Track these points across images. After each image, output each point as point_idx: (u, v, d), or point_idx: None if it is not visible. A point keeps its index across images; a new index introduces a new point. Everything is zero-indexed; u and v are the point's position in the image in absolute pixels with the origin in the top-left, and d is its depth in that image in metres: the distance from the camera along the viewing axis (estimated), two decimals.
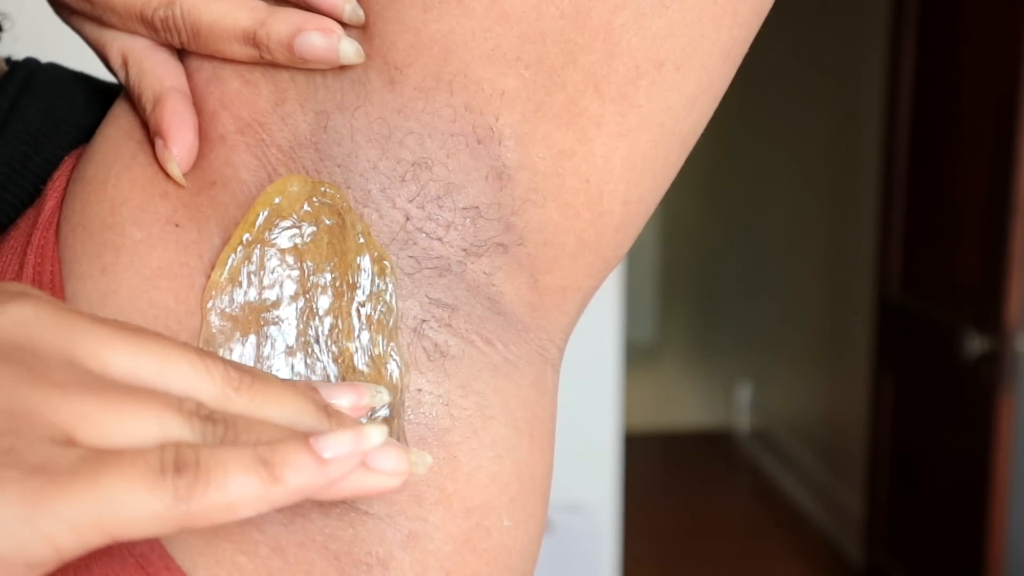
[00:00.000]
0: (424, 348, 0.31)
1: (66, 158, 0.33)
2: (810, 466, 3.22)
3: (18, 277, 0.30)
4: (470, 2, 0.29)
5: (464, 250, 0.31)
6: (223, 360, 0.26)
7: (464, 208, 0.31)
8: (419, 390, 0.31)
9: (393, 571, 0.29)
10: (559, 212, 0.32)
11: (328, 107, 0.31)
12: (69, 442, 0.22)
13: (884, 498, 2.41)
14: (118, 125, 0.32)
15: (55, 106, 0.34)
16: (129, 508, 0.22)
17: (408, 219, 0.31)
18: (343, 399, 0.28)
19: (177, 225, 0.30)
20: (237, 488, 0.22)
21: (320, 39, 0.29)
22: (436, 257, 0.31)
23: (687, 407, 4.25)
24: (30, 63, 0.36)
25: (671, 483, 3.48)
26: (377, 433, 0.25)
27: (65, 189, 0.32)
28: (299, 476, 0.23)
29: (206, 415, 0.24)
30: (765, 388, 3.69)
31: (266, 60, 0.30)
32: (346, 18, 0.29)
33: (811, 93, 3.21)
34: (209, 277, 0.29)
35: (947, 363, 2.05)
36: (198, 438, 0.23)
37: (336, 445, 0.24)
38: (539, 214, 0.32)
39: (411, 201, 0.31)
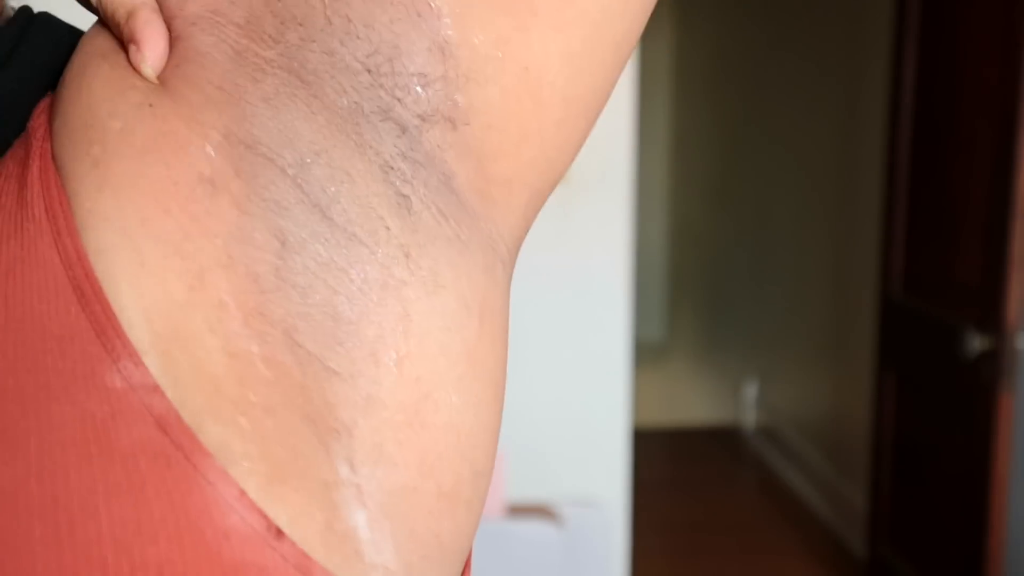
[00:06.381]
0: (397, 194, 0.32)
1: (49, 92, 0.34)
2: (815, 461, 3.22)
3: (23, 176, 0.31)
4: None
5: (419, 116, 0.33)
6: None
7: (414, 74, 0.33)
8: (387, 228, 0.31)
9: (357, 439, 0.30)
10: (501, 96, 0.34)
11: None
12: None
13: (887, 493, 2.41)
14: (82, 50, 0.34)
15: (60, 41, 0.36)
16: None
17: (369, 72, 0.33)
18: None
19: (151, 105, 0.31)
20: None
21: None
22: (398, 115, 0.33)
23: (695, 404, 4.26)
24: (29, 8, 0.37)
25: (679, 478, 3.48)
26: None
27: (50, 113, 0.33)
28: None
29: None
30: (771, 385, 3.70)
31: None
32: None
33: (816, 97, 3.22)
34: (192, 131, 0.31)
35: (948, 361, 2.05)
36: None
37: None
38: (482, 94, 0.34)
39: (368, 57, 0.32)
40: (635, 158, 1.81)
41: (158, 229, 0.29)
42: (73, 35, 0.36)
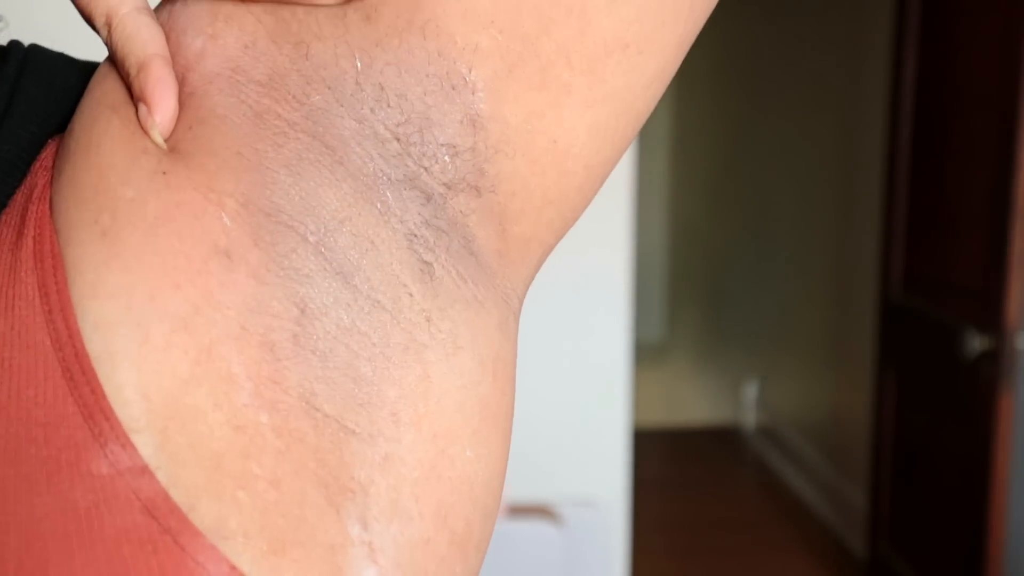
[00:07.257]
0: (420, 261, 0.32)
1: (50, 141, 0.33)
2: (815, 461, 3.23)
3: (16, 247, 0.30)
4: None
5: (445, 184, 0.33)
6: None
7: (443, 144, 0.33)
8: (410, 295, 0.32)
9: (372, 496, 0.30)
10: (528, 167, 0.34)
11: (306, 38, 0.32)
12: None
13: (887, 493, 2.42)
14: (91, 96, 0.33)
15: (55, 86, 0.35)
16: None
17: (398, 141, 0.32)
18: None
19: (164, 173, 0.30)
20: None
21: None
22: (424, 183, 0.33)
23: (695, 404, 4.27)
24: (18, 45, 0.36)
25: (679, 478, 3.48)
26: None
27: (52, 168, 0.32)
28: None
29: None
30: (771, 386, 3.71)
31: None
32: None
33: (816, 98, 3.22)
34: (208, 200, 0.30)
35: (948, 361, 2.06)
36: None
37: None
38: (509, 165, 0.34)
39: (398, 126, 0.32)
40: (635, 158, 1.81)
41: (166, 305, 0.28)
42: (69, 68, 0.36)
